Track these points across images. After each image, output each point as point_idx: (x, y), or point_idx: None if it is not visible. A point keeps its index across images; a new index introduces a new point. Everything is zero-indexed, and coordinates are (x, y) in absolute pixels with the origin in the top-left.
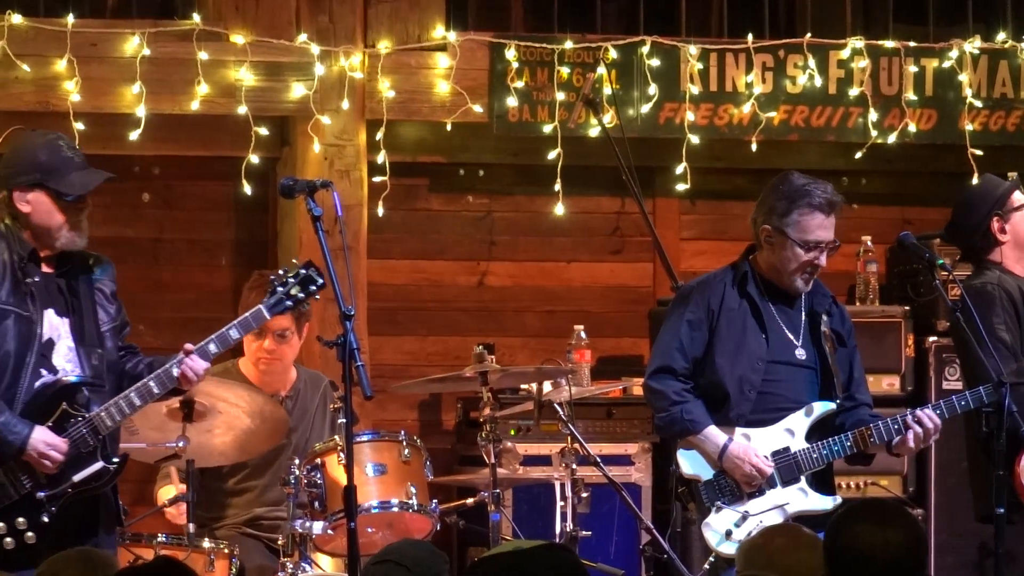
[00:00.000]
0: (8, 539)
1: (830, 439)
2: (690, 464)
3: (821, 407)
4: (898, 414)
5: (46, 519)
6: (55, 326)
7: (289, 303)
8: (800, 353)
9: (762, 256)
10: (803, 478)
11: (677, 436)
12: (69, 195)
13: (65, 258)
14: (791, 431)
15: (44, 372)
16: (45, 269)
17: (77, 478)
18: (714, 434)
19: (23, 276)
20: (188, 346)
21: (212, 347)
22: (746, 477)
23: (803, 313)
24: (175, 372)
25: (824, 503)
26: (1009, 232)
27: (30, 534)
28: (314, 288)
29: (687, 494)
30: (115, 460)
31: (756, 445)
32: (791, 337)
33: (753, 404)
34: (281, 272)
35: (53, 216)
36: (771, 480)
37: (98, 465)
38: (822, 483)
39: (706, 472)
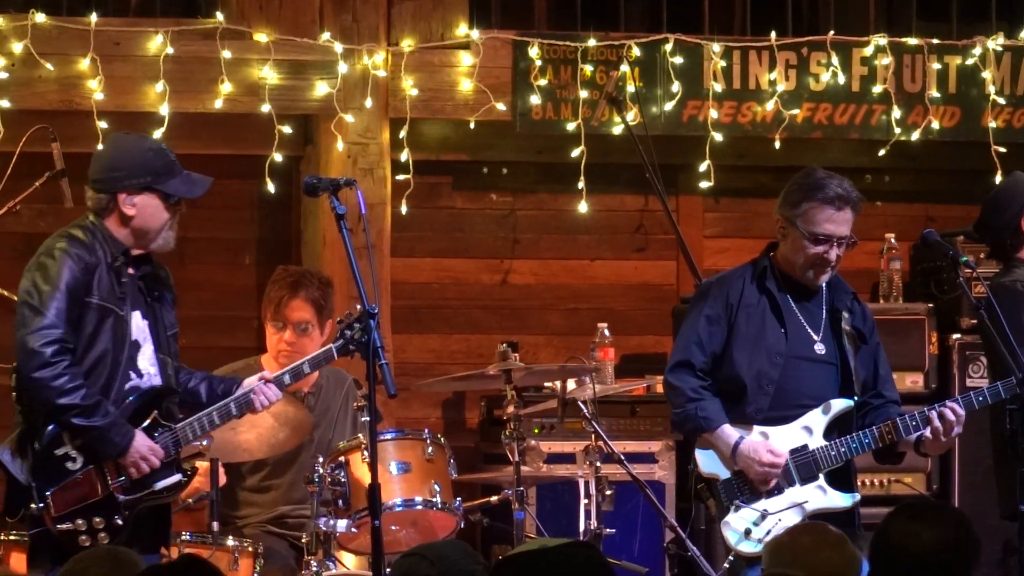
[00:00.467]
0: (84, 536)
1: (849, 436)
2: (707, 463)
3: (839, 404)
4: (920, 409)
5: (120, 522)
6: (140, 328)
7: (352, 347)
8: (819, 348)
9: (780, 250)
10: (821, 476)
11: (691, 433)
12: (176, 198)
13: (142, 261)
14: (809, 429)
15: (132, 375)
16: (130, 270)
17: (157, 487)
18: (727, 433)
19: (118, 276)
20: (265, 374)
21: (287, 378)
22: (759, 476)
23: (824, 309)
24: (252, 399)
25: (843, 500)
26: None
27: (103, 534)
28: (372, 329)
29: (706, 491)
30: (188, 472)
31: (774, 443)
32: (811, 332)
33: (771, 399)
34: (348, 315)
35: (158, 218)
36: (789, 478)
37: (176, 477)
38: (841, 481)
39: (723, 471)
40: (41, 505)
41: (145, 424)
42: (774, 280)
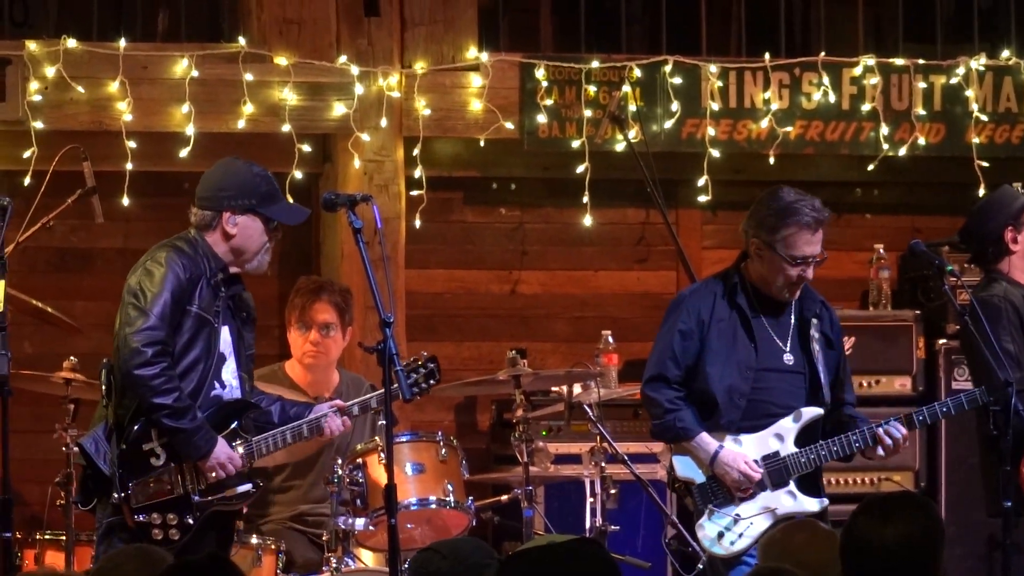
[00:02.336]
0: (157, 530)
1: (818, 444)
2: (683, 468)
3: (809, 412)
4: (875, 424)
5: (191, 521)
6: (227, 343)
7: (416, 391)
8: (788, 359)
9: (752, 266)
10: (792, 481)
11: (671, 442)
12: (276, 223)
13: (232, 282)
14: (780, 436)
15: (216, 385)
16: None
17: (227, 493)
18: (705, 441)
19: (216, 289)
20: (338, 403)
21: (355, 410)
22: (735, 483)
23: (792, 318)
24: (323, 425)
25: (812, 505)
26: (1021, 243)
27: (174, 531)
28: (434, 381)
29: (683, 489)
30: (259, 484)
31: (746, 450)
32: (780, 344)
33: (743, 411)
34: (412, 360)
35: (257, 240)
36: (761, 484)
37: (248, 486)
38: (811, 486)
39: (698, 476)
40: (123, 495)
41: (225, 433)
42: (744, 296)
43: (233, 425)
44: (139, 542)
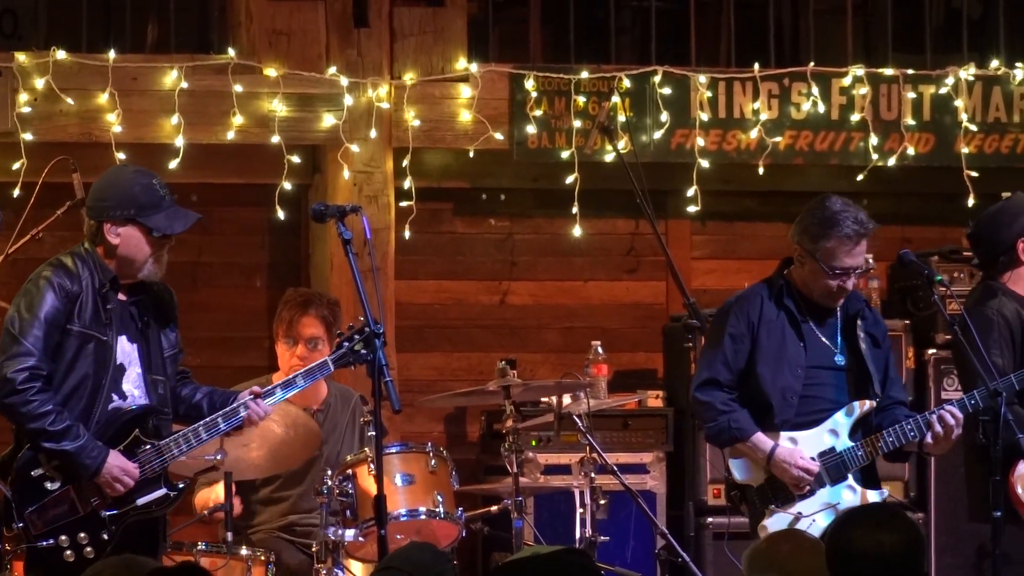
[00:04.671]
0: (69, 552)
1: (872, 436)
2: (741, 471)
3: (861, 406)
4: (927, 412)
5: (106, 536)
6: (127, 352)
7: (352, 359)
8: (838, 357)
9: (796, 270)
10: (851, 476)
11: (726, 444)
12: (159, 232)
13: (138, 287)
14: (835, 431)
15: (115, 397)
16: (120, 296)
17: (141, 502)
18: (761, 440)
19: (103, 302)
20: (256, 388)
21: (278, 392)
22: (794, 480)
23: (839, 318)
24: (242, 413)
25: (872, 497)
26: None
27: (89, 549)
28: (376, 345)
29: (739, 498)
30: (178, 487)
31: (802, 447)
32: (827, 342)
33: (796, 410)
34: (350, 327)
35: (141, 250)
36: (820, 480)
37: (161, 491)
38: (870, 479)
39: (757, 478)
40: (20, 524)
41: (126, 443)
42: (791, 298)
43: (134, 433)
44: (55, 567)
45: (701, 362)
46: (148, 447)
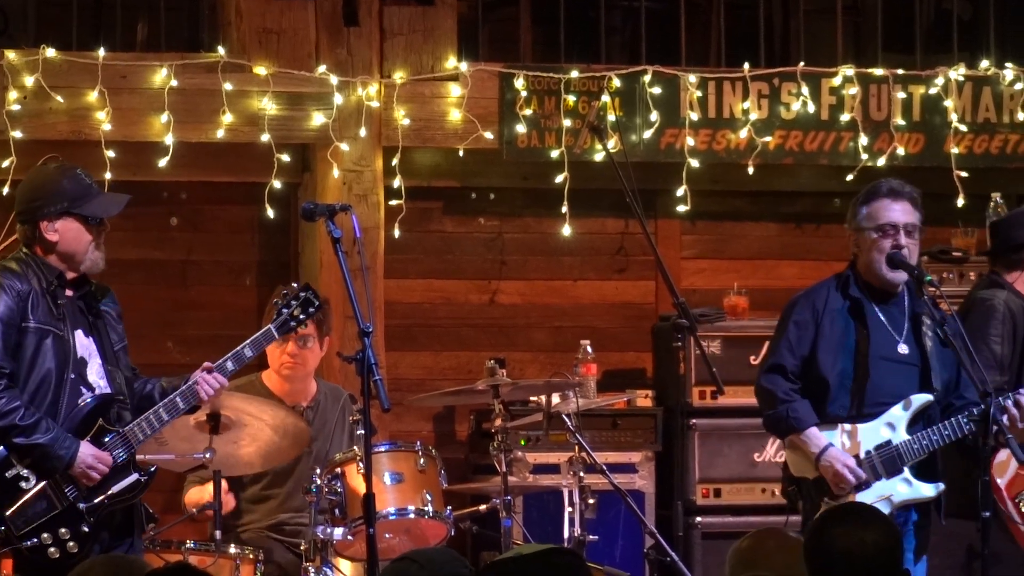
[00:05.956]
0: (52, 549)
1: (930, 429)
2: (797, 465)
3: (919, 399)
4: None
5: (86, 529)
6: (85, 345)
7: (293, 323)
8: (903, 348)
9: (859, 261)
10: (906, 468)
11: (783, 434)
12: (96, 218)
13: (80, 283)
14: (892, 425)
15: (83, 390)
16: (68, 292)
17: (114, 490)
18: (815, 435)
19: (54, 299)
20: (207, 364)
21: (229, 364)
22: (835, 478)
23: (906, 313)
24: (197, 390)
25: (928, 491)
26: None
27: (72, 543)
28: (313, 309)
29: (795, 492)
30: (149, 472)
31: (860, 439)
32: (893, 334)
33: (856, 398)
34: (284, 294)
35: (81, 241)
36: (875, 472)
37: (133, 477)
38: (927, 472)
39: (811, 471)
40: (2, 527)
41: (92, 433)
42: (857, 288)
43: (99, 422)
44: (36, 567)
45: (768, 349)
46: (114, 435)
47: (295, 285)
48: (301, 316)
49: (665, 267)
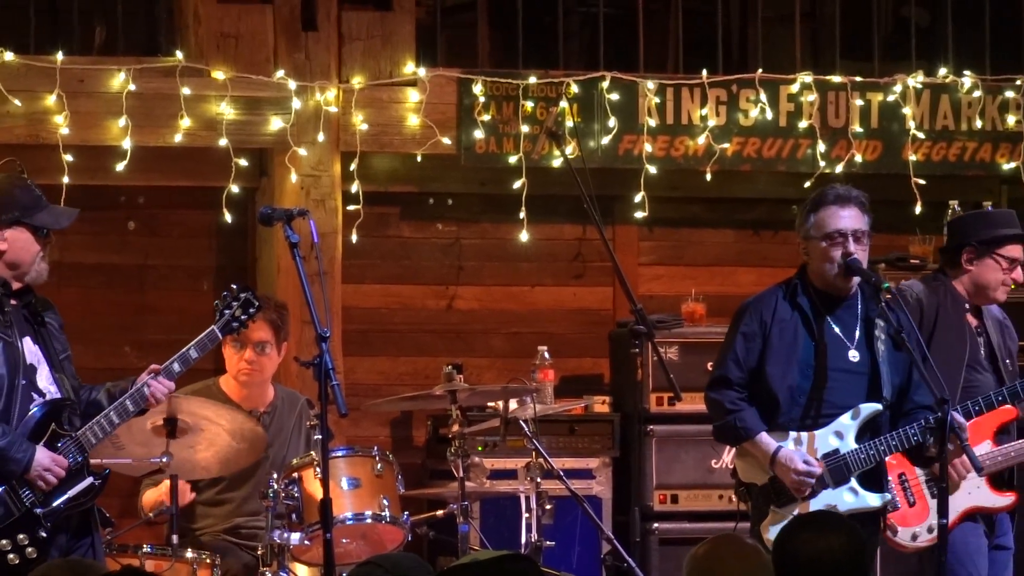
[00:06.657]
0: (12, 555)
1: (878, 439)
2: (745, 470)
3: (868, 409)
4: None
5: (44, 534)
6: (33, 352)
7: (236, 324)
8: (853, 355)
9: (808, 268)
10: (853, 478)
11: (733, 443)
12: (45, 229)
13: (23, 293)
14: (840, 434)
15: (34, 395)
16: (12, 301)
17: (70, 494)
18: (765, 441)
19: (0, 306)
20: (154, 366)
21: (176, 366)
22: (794, 483)
23: (859, 318)
24: (146, 393)
25: (875, 500)
26: (974, 269)
27: (30, 549)
28: (253, 310)
29: (744, 493)
30: (103, 475)
31: (808, 448)
32: (845, 341)
33: (803, 409)
34: (224, 296)
35: (29, 251)
36: (823, 481)
37: (87, 482)
38: (872, 481)
39: (760, 477)
40: None
41: (46, 438)
42: (806, 296)
43: (51, 427)
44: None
45: (716, 360)
46: (67, 440)
47: (235, 287)
48: (243, 317)
49: (623, 273)
